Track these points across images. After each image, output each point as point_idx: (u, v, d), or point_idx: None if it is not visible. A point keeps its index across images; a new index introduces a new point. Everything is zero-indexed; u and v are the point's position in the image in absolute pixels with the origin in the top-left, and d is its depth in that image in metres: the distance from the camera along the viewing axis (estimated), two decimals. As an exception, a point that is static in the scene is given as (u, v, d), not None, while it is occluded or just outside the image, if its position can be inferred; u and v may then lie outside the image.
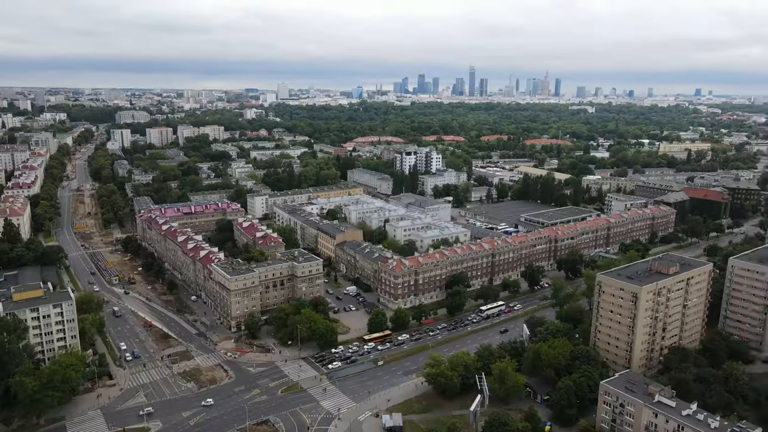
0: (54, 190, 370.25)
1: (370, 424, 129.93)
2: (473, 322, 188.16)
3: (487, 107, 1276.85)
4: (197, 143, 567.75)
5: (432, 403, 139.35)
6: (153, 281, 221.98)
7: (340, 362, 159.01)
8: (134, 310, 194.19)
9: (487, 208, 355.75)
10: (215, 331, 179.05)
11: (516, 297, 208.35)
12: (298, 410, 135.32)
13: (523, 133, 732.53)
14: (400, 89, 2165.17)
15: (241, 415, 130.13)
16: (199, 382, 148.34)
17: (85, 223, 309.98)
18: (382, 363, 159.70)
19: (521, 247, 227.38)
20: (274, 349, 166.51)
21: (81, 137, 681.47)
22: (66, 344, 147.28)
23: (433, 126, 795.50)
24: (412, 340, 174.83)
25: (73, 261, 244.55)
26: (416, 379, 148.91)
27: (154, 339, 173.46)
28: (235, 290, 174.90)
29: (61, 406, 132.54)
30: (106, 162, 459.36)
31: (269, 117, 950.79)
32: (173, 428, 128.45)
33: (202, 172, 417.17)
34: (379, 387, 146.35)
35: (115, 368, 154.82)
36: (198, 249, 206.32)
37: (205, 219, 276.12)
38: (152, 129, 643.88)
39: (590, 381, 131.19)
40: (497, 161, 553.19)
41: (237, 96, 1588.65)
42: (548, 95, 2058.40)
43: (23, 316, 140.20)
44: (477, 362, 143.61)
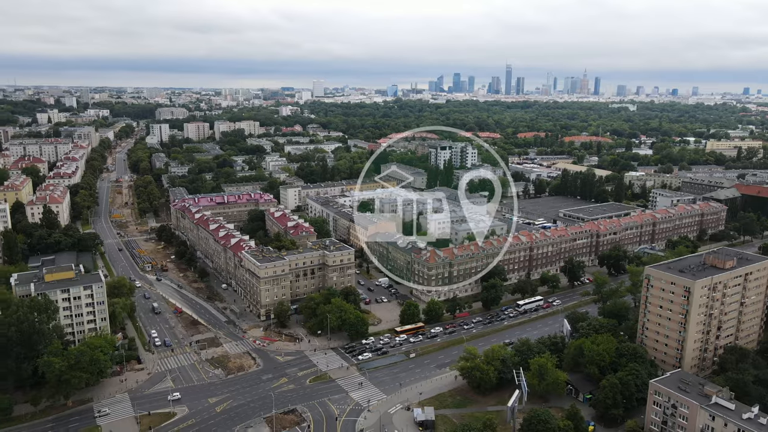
0: (93, 180, 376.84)
1: (400, 417, 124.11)
2: (510, 317, 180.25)
3: (524, 105, 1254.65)
4: (233, 138, 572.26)
5: (466, 398, 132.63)
6: (185, 269, 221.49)
7: (370, 353, 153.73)
8: (165, 297, 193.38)
9: (524, 203, 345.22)
10: (244, 319, 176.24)
11: (555, 292, 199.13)
12: (326, 401, 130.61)
13: (561, 131, 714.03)
14: (435, 88, 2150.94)
15: (267, 403, 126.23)
16: (226, 369, 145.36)
17: (122, 213, 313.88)
18: (414, 355, 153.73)
19: (561, 241, 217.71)
20: (304, 339, 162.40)
21: (122, 132, 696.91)
22: (96, 327, 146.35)
23: (468, 123, 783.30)
24: (446, 333, 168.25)
25: (108, 248, 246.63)
26: (450, 373, 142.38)
27: (184, 325, 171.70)
28: (265, 278, 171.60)
29: (88, 388, 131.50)
30: (144, 155, 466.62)
31: (304, 114, 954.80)
32: (199, 414, 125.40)
33: (236, 165, 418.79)
34: (411, 380, 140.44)
35: (144, 353, 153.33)
36: (229, 237, 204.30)
37: (237, 209, 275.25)
38: (189, 124, 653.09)
39: (638, 380, 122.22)
40: (534, 158, 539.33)
41: (273, 93, 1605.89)
42: (587, 94, 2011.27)
43: (54, 297, 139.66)
44: (514, 357, 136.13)
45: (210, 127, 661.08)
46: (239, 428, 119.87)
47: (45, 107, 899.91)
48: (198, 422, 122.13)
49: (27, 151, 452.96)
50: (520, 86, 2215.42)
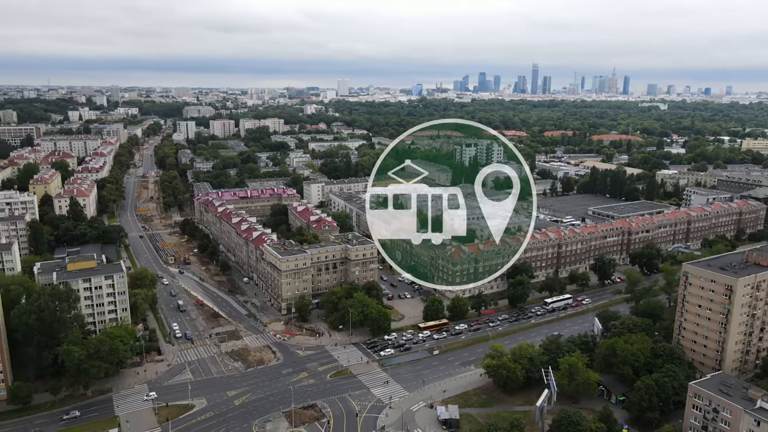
0: (121, 175, 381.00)
1: (423, 415, 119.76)
2: (537, 315, 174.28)
3: (551, 104, 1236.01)
4: (257, 135, 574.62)
5: (491, 397, 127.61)
6: (207, 262, 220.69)
7: (392, 349, 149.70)
8: (187, 289, 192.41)
9: (551, 201, 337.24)
10: (265, 313, 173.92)
11: (584, 291, 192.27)
12: (347, 396, 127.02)
13: (589, 129, 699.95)
14: (461, 87, 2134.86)
15: (287, 397, 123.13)
16: (246, 362, 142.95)
17: (147, 207, 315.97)
18: (437, 352, 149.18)
19: (591, 238, 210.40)
20: (325, 333, 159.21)
21: (150, 129, 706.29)
22: (117, 317, 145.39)
23: (494, 121, 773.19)
24: (471, 330, 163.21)
25: (132, 241, 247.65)
26: (475, 371, 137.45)
27: (205, 318, 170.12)
28: (286, 271, 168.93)
29: (108, 378, 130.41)
30: (170, 151, 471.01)
31: (329, 112, 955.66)
32: (217, 406, 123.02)
33: (260, 161, 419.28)
34: (434, 377, 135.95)
35: (164, 344, 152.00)
36: (251, 230, 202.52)
37: (260, 204, 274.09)
38: (215, 121, 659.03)
39: (675, 382, 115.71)
40: (561, 156, 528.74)
41: (298, 92, 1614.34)
42: (616, 93, 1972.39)
43: (76, 286, 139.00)
44: (543, 355, 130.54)
45: (235, 125, 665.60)
46: (258, 422, 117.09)
47: (77, 105, 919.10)
48: (216, 415, 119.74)
49: (57, 147, 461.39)
50: (546, 85, 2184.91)
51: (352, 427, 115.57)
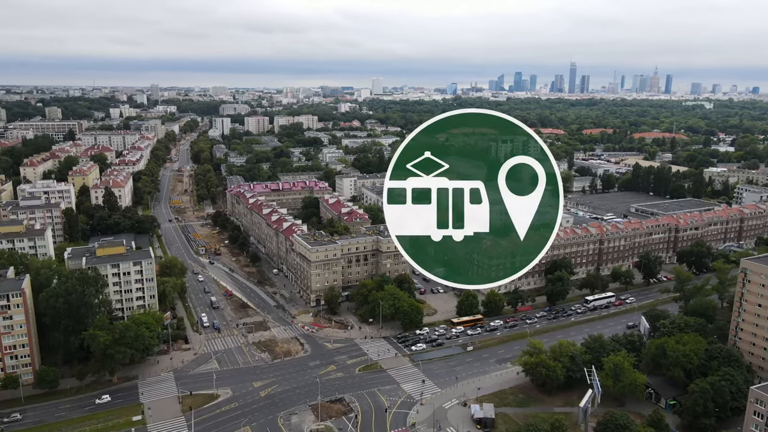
0: (156, 169, 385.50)
1: (456, 412, 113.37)
2: (577, 313, 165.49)
3: (589, 103, 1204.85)
4: (291, 131, 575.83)
5: (529, 397, 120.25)
6: (237, 253, 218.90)
7: (424, 344, 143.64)
8: (216, 279, 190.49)
9: (591, 198, 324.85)
10: (294, 304, 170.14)
11: (627, 289, 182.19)
12: (376, 391, 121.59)
13: (629, 127, 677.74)
14: (496, 87, 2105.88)
15: (314, 390, 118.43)
16: (273, 353, 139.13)
17: (181, 199, 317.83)
18: (471, 348, 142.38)
19: (635, 234, 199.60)
20: (354, 326, 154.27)
21: (187, 126, 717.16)
22: (144, 303, 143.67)
23: (530, 119, 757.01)
24: (507, 326, 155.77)
25: (165, 231, 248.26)
26: (511, 369, 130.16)
27: (233, 308, 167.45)
28: (316, 262, 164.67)
29: (134, 365, 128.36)
30: (205, 146, 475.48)
31: (363, 110, 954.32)
32: (242, 397, 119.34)
33: (293, 156, 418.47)
34: (468, 374, 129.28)
35: (192, 333, 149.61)
36: (281, 221, 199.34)
37: (292, 196, 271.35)
38: (250, 118, 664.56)
39: (732, 386, 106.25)
40: (601, 154, 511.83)
41: (333, 91, 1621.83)
42: (657, 92, 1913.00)
43: (104, 272, 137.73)
44: (585, 354, 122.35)
45: (270, 122, 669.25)
46: (283, 415, 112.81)
47: (118, 103, 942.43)
48: (241, 405, 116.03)
49: (97, 141, 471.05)
50: (584, 85, 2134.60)
51: (380, 422, 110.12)
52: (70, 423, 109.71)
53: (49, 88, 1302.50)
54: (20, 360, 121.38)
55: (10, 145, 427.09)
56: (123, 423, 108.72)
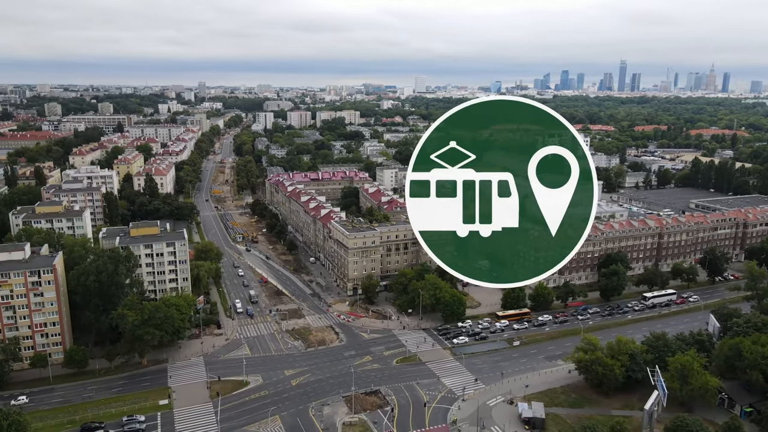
0: (199, 160, 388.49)
1: (502, 411, 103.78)
2: (634, 310, 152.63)
3: (640, 101, 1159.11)
4: (333, 125, 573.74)
5: (582, 397, 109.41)
6: (275, 242, 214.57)
7: (467, 337, 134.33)
8: (252, 266, 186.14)
9: (645, 193, 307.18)
10: (330, 293, 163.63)
11: (690, 287, 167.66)
12: (414, 384, 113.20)
13: (685, 124, 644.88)
14: (541, 86, 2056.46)
15: (348, 380, 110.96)
16: (307, 342, 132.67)
17: (222, 189, 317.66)
18: (518, 343, 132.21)
19: (698, 228, 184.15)
20: (392, 316, 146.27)
21: (231, 121, 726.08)
22: (177, 286, 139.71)
23: (577, 116, 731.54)
24: (556, 322, 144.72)
25: (204, 219, 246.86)
26: (563, 366, 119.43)
27: (267, 295, 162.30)
28: (354, 249, 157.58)
29: (165, 349, 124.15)
30: (248, 139, 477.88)
31: (405, 107, 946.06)
32: (273, 385, 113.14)
33: (334, 149, 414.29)
34: (514, 370, 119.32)
35: (224, 318, 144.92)
36: (319, 208, 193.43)
37: (331, 186, 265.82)
38: (293, 112, 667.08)
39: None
40: (654, 150, 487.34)
41: (376, 89, 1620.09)
42: (714, 91, 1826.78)
43: (137, 252, 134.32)
44: (646, 353, 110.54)
45: (312, 117, 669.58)
46: (315, 405, 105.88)
47: (166, 100, 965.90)
48: (271, 394, 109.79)
49: (144, 134, 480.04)
50: (635, 83, 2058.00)
51: (418, 417, 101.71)
52: (97, 404, 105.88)
53: (103, 87, 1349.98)
54: (50, 338, 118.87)
55: (62, 137, 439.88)
56: (149, 406, 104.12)
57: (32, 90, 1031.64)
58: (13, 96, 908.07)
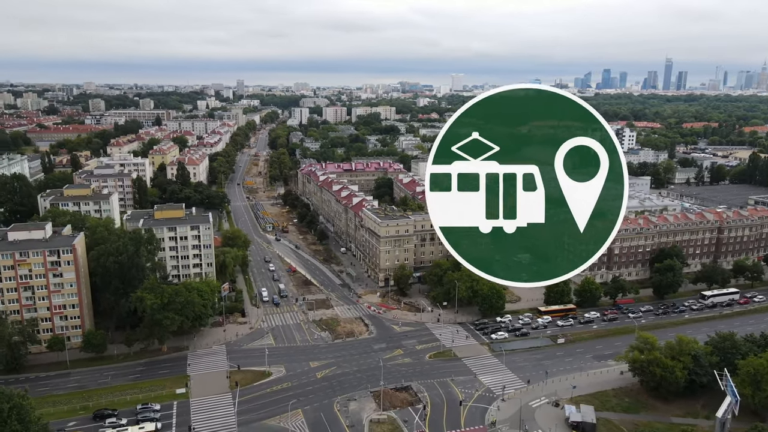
0: (234, 153, 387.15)
1: (546, 413, 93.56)
2: (692, 309, 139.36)
3: (687, 99, 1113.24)
4: (368, 119, 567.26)
5: (637, 401, 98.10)
6: (305, 232, 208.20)
7: (506, 333, 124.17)
8: (281, 255, 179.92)
9: (698, 189, 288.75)
10: (361, 284, 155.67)
11: (754, 286, 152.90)
12: (448, 381, 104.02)
13: (737, 122, 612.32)
14: (582, 85, 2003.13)
15: (377, 375, 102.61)
16: (334, 333, 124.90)
17: (254, 180, 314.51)
18: (563, 341, 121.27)
19: (763, 223, 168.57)
20: (426, 309, 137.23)
21: (267, 117, 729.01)
22: (201, 271, 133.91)
23: (621, 113, 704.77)
24: (604, 319, 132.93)
25: (235, 209, 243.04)
26: (614, 367, 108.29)
27: (295, 284, 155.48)
28: (386, 237, 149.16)
29: (186, 336, 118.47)
30: (282, 133, 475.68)
31: (442, 105, 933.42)
32: (296, 377, 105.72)
33: (368, 143, 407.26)
34: (559, 369, 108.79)
35: (250, 307, 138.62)
36: (351, 196, 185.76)
37: (365, 177, 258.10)
38: (328, 108, 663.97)
39: None
40: (704, 147, 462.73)
41: (412, 86, 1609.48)
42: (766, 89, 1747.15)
43: (160, 235, 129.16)
44: (711, 355, 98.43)
45: (347, 113, 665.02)
46: (340, 400, 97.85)
47: (205, 96, 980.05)
48: (294, 386, 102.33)
49: (181, 127, 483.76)
50: (681, 82, 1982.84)
51: (453, 417, 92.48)
52: (112, 390, 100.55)
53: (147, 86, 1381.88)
54: (70, 321, 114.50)
55: (101, 129, 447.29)
56: (166, 395, 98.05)
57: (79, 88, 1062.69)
58: (60, 93, 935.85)
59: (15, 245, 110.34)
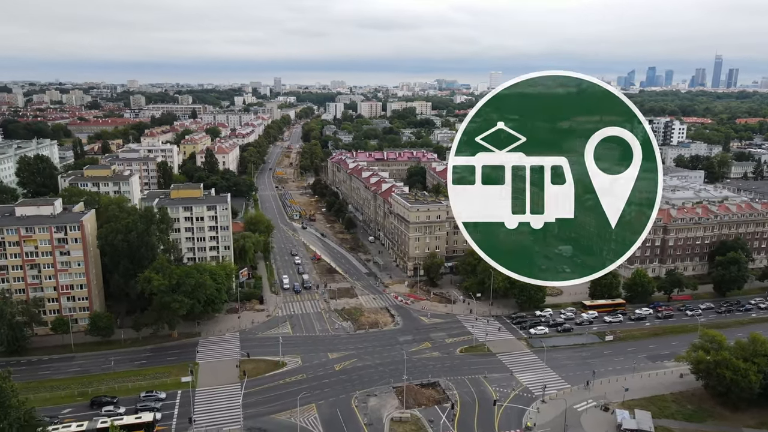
0: (266, 144, 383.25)
1: (595, 418, 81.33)
2: (759, 308, 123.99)
3: (739, 96, 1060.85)
4: (403, 114, 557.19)
5: (701, 408, 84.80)
6: (333, 220, 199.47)
7: (546, 328, 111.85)
8: (307, 243, 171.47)
9: (757, 184, 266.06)
10: (388, 273, 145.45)
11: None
12: (481, 378, 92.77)
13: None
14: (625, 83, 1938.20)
15: (400, 369, 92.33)
16: (357, 323, 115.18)
17: (285, 171, 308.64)
18: (611, 338, 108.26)
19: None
20: (458, 301, 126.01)
21: (302, 112, 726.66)
22: (218, 255, 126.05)
23: (668, 108, 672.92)
24: (659, 316, 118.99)
25: (263, 198, 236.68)
26: (673, 368, 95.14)
27: (319, 272, 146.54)
28: (415, 223, 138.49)
29: (199, 322, 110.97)
30: (316, 126, 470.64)
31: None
32: (312, 368, 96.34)
33: (403, 135, 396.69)
34: (608, 370, 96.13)
35: (269, 294, 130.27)
36: (380, 182, 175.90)
37: (397, 167, 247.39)
38: (363, 102, 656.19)
39: None
40: (761, 143, 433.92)
41: (449, 84, 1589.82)
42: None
43: (175, 215, 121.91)
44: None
45: (383, 108, 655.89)
46: (359, 395, 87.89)
47: (242, 93, 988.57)
48: (309, 378, 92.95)
49: (216, 120, 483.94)
50: (732, 79, 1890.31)
51: (486, 418, 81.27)
52: (115, 376, 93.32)
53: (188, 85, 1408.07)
54: (77, 302, 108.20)
55: (138, 122, 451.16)
56: (170, 383, 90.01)
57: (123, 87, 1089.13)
58: (105, 91, 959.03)
59: (21, 220, 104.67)
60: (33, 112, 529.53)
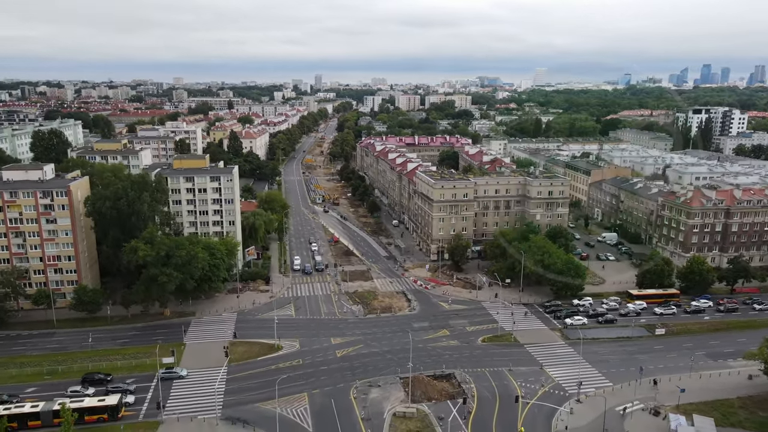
0: (298, 133, 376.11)
1: (641, 422, 66.42)
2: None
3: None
4: (441, 106, 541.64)
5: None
6: (357, 205, 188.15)
7: (585, 318, 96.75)
8: (326, 226, 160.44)
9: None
10: (410, 256, 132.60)
11: None
12: (504, 372, 78.94)
13: None
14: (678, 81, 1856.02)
15: (412, 357, 79.26)
16: (368, 307, 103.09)
17: (314, 159, 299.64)
18: (662, 332, 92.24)
19: None
20: (484, 287, 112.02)
21: (340, 107, 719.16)
22: (222, 230, 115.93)
23: (725, 102, 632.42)
24: (720, 310, 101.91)
25: (288, 183, 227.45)
26: (739, 368, 78.87)
27: (335, 254, 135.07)
28: (439, 202, 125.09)
29: (197, 302, 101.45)
30: (352, 117, 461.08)
31: (521, 98, 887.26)
32: (311, 354, 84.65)
33: (439, 125, 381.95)
34: (658, 367, 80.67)
35: (277, 275, 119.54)
36: (406, 163, 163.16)
37: (428, 152, 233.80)
38: (401, 95, 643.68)
39: None
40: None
41: (491, 81, 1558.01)
42: None
43: (176, 185, 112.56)
44: None
45: (421, 102, 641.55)
46: (360, 385, 75.65)
47: (282, 88, 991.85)
48: (306, 365, 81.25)
49: (251, 110, 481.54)
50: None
51: (506, 417, 67.50)
52: (93, 354, 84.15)
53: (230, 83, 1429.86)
54: (65, 275, 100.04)
55: (174, 112, 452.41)
56: (149, 364, 79.82)
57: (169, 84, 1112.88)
58: (151, 87, 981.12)
59: (5, 184, 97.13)
60: (78, 105, 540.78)
